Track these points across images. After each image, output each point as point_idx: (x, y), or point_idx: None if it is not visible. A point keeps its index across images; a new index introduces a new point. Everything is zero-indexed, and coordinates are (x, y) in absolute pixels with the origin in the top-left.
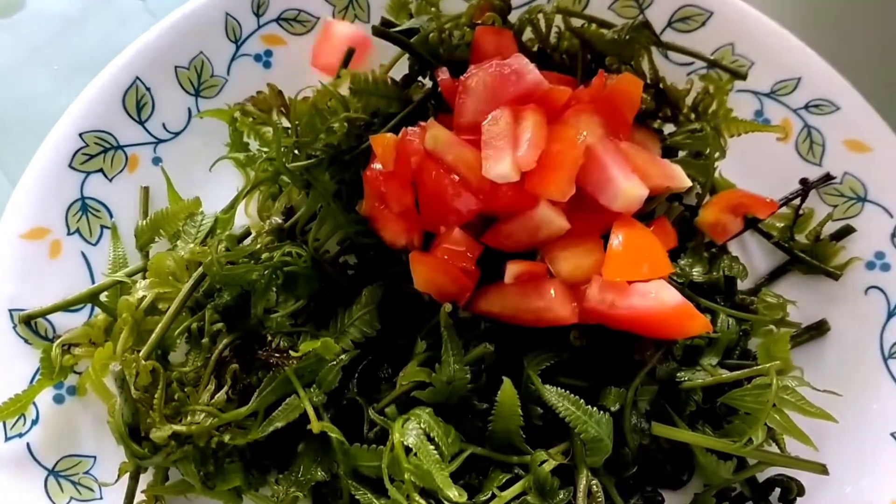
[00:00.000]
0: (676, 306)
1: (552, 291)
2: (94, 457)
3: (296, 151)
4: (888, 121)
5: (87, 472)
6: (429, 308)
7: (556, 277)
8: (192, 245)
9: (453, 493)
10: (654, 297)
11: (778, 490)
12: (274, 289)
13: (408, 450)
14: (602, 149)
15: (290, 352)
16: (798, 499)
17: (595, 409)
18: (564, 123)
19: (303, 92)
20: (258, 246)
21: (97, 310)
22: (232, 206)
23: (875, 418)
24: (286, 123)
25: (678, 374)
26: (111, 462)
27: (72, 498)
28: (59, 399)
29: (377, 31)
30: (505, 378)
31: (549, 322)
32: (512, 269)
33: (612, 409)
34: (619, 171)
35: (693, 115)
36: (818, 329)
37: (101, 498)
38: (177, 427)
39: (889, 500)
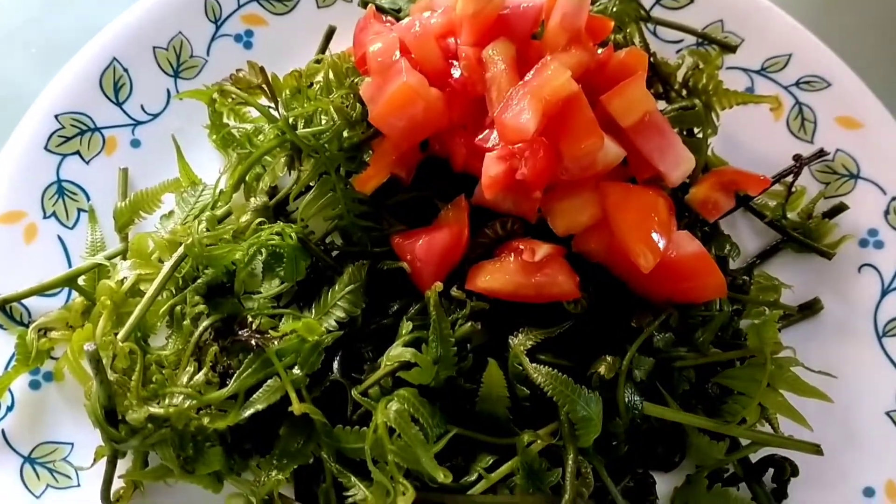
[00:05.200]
0: (696, 254)
1: (556, 266)
2: (72, 444)
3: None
4: (880, 97)
5: (63, 459)
6: (415, 289)
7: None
8: (172, 225)
9: (439, 474)
10: (675, 243)
11: (771, 470)
12: (259, 271)
13: (392, 431)
14: (660, 116)
15: (271, 331)
16: (792, 479)
17: (584, 388)
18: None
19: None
20: (242, 225)
21: (74, 294)
22: (238, 184)
23: (870, 398)
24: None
25: (672, 351)
26: (89, 449)
27: (48, 485)
28: (35, 385)
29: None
30: (490, 359)
31: (551, 297)
32: (542, 250)
33: (607, 376)
34: (678, 139)
35: (684, 92)
36: (811, 308)
37: (78, 485)
38: (154, 409)
39: (885, 480)
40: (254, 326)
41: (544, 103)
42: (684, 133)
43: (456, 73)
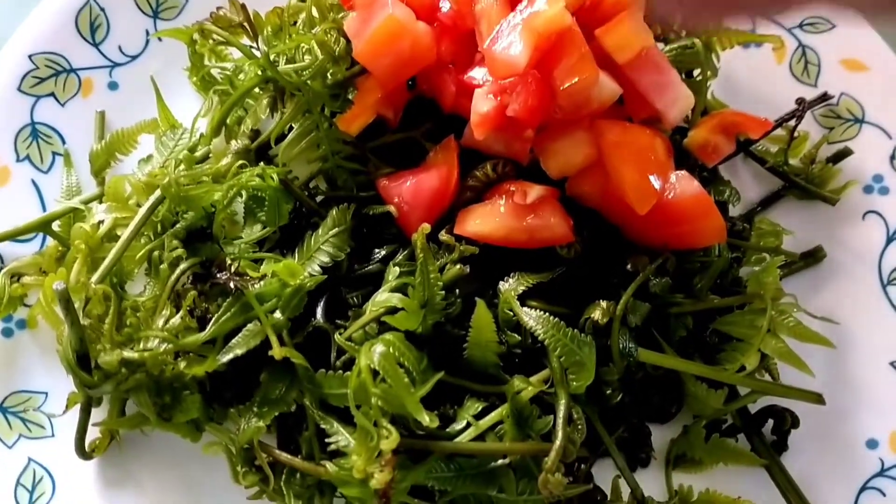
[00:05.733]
0: (694, 195)
1: (549, 208)
2: (46, 393)
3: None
4: (886, 39)
5: (37, 409)
6: (402, 235)
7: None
8: (150, 169)
9: (424, 417)
10: (673, 184)
11: (771, 422)
12: (240, 217)
13: (376, 375)
14: (658, 52)
15: (251, 273)
16: (792, 431)
17: (577, 331)
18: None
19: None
20: (222, 168)
21: (49, 241)
22: (219, 126)
23: (874, 347)
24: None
25: (669, 296)
26: (64, 399)
27: (21, 435)
28: (7, 333)
29: None
30: (478, 299)
31: (543, 242)
32: (534, 192)
33: (601, 321)
34: (676, 76)
35: (683, 33)
36: (813, 256)
37: (52, 435)
38: (127, 353)
39: (889, 432)
40: (233, 269)
41: (536, 35)
42: (683, 75)
43: (444, 5)
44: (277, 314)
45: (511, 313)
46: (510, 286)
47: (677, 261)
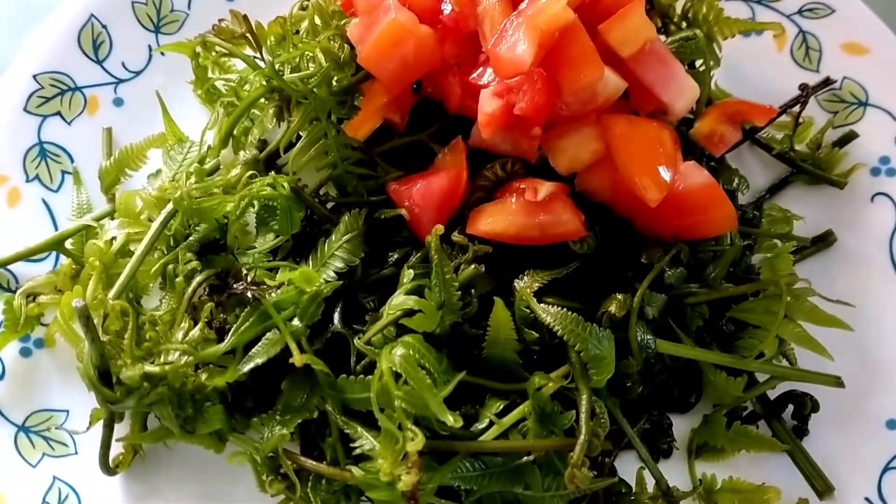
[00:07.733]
0: (704, 185)
1: (560, 204)
2: (67, 411)
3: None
4: (886, 21)
5: (59, 427)
6: (414, 237)
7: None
8: (160, 183)
9: (448, 417)
10: (682, 175)
11: (791, 407)
12: (252, 228)
13: (398, 377)
14: (661, 45)
15: (268, 281)
16: (812, 415)
17: (595, 326)
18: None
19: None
20: (232, 180)
21: (62, 260)
22: (227, 138)
23: (888, 328)
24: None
25: (684, 287)
26: (85, 417)
27: (44, 454)
28: (25, 352)
29: None
30: (496, 298)
31: (556, 237)
32: (545, 188)
33: (618, 315)
34: (680, 68)
35: (684, 24)
36: (824, 241)
37: (76, 453)
38: (149, 367)
39: None
40: (249, 279)
41: (540, 33)
42: (686, 66)
43: (447, 8)
44: (296, 321)
45: (528, 310)
46: (525, 283)
47: (690, 251)
